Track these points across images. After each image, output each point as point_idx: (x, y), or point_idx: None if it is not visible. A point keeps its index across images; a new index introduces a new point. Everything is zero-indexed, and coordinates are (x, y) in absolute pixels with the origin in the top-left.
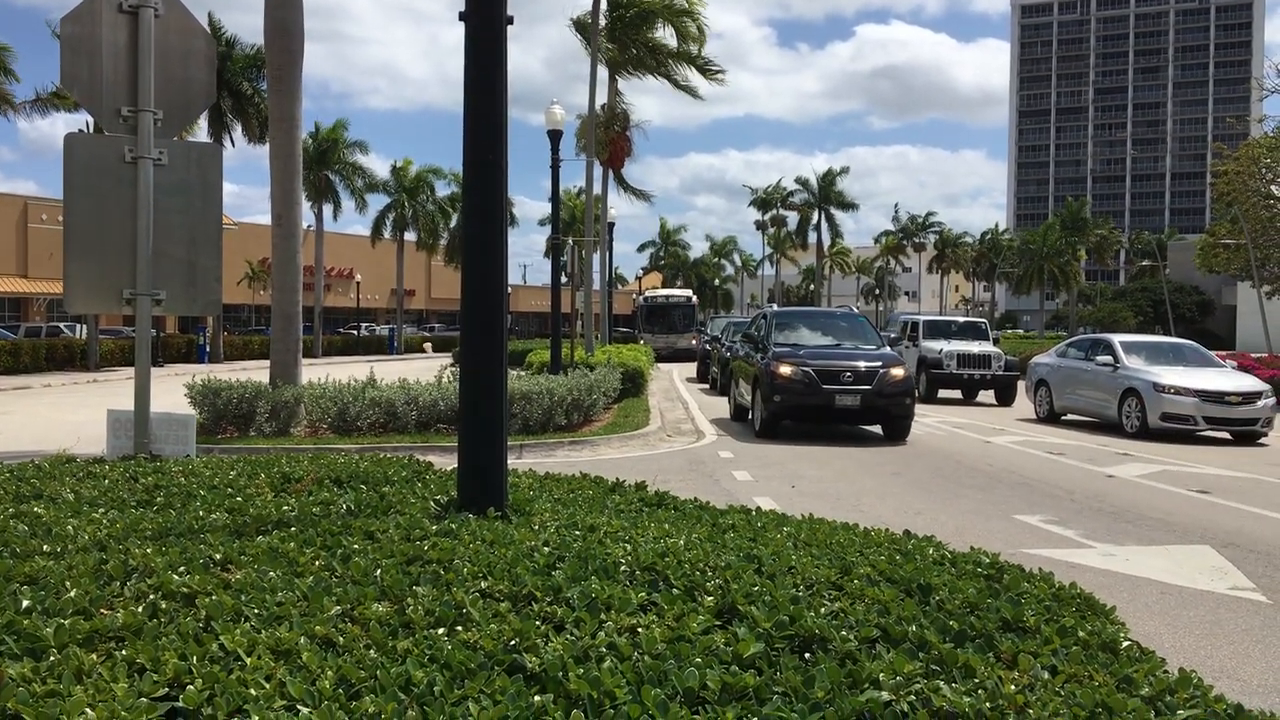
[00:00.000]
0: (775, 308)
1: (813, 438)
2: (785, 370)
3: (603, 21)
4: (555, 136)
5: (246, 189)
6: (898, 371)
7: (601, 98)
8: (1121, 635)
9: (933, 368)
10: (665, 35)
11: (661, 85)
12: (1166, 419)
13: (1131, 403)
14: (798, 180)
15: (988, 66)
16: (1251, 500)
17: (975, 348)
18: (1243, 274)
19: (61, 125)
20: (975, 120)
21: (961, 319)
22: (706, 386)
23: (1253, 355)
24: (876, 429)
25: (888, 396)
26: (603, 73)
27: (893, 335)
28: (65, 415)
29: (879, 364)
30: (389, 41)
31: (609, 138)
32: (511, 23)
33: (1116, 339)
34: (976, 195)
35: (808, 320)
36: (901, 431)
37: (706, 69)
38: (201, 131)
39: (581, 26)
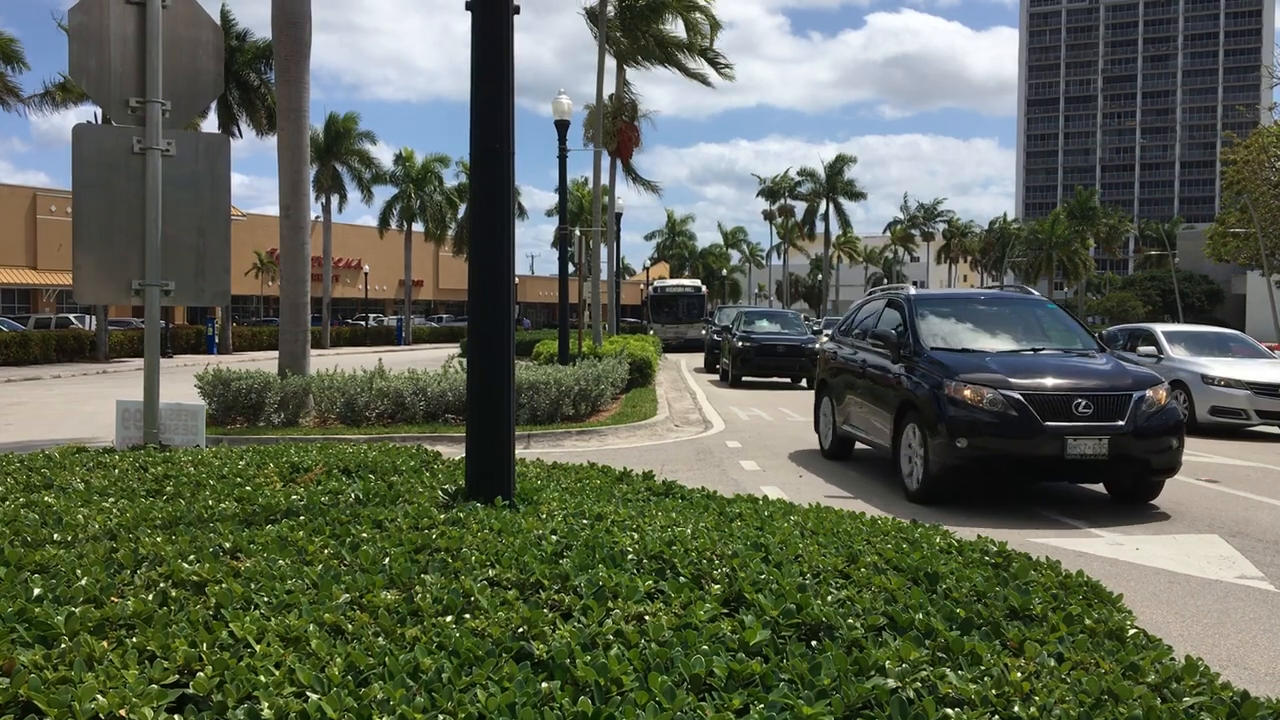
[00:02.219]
0: (913, 290)
1: None
2: (972, 394)
3: (612, 11)
4: (563, 127)
5: (255, 180)
6: (1158, 394)
7: (610, 88)
8: (1128, 623)
9: None
10: (675, 28)
11: (671, 75)
12: (1216, 413)
13: (1178, 396)
14: (803, 171)
15: (1000, 54)
16: (1260, 489)
17: None
18: (1252, 263)
19: (72, 117)
20: (987, 109)
21: None
22: (715, 377)
23: (1263, 345)
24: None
25: (1150, 438)
26: (611, 63)
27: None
28: (75, 406)
29: (1128, 382)
30: (400, 32)
31: (617, 128)
32: (518, 12)
33: (1159, 329)
34: (987, 184)
35: (967, 309)
36: (1154, 490)
37: (715, 62)
38: (210, 123)
39: (594, 16)
